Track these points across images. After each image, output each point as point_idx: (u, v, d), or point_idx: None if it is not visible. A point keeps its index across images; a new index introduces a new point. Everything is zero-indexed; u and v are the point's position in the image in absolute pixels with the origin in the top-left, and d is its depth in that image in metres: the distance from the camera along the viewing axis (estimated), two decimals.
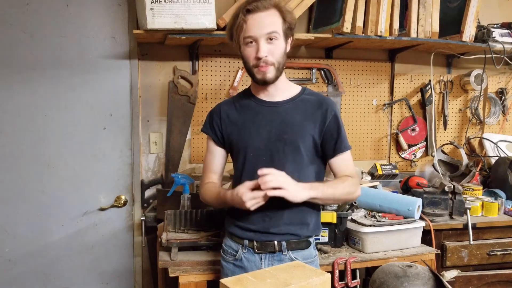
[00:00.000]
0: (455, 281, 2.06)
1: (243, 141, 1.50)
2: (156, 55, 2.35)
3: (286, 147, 1.47)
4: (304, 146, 1.48)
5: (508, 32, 2.58)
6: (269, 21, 1.39)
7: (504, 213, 2.29)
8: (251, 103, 1.53)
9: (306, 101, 1.52)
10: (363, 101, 2.69)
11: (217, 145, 1.58)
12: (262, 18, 1.38)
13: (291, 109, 1.50)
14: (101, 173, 2.31)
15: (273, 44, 1.40)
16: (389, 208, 2.04)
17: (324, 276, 1.08)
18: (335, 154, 1.51)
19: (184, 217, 1.88)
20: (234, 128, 1.53)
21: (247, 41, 1.40)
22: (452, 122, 2.86)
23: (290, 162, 1.47)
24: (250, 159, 1.49)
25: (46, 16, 2.17)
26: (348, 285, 1.78)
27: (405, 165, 2.80)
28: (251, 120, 1.51)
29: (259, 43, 1.39)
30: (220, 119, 1.56)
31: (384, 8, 2.24)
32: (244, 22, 1.38)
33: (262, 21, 1.38)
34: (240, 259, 1.51)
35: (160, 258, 1.74)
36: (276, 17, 1.40)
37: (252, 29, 1.38)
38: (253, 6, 1.37)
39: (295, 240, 1.49)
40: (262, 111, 1.51)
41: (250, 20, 1.38)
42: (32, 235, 2.25)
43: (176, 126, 2.40)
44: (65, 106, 2.24)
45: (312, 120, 1.49)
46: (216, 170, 1.61)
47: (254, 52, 1.40)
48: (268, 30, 1.38)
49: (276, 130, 1.47)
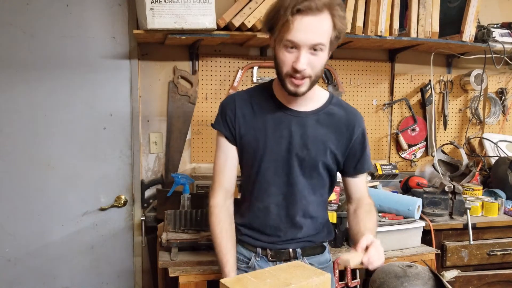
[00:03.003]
0: (455, 281, 2.06)
1: (259, 149, 1.37)
2: (156, 55, 2.35)
3: (305, 163, 1.37)
4: (324, 163, 1.39)
5: (508, 32, 2.58)
6: (318, 29, 1.20)
7: (504, 213, 2.28)
8: (272, 107, 1.38)
9: (332, 115, 1.39)
10: (363, 101, 2.69)
11: (231, 143, 1.41)
12: (312, 23, 1.18)
13: (316, 122, 1.37)
14: (101, 173, 2.31)
15: (315, 56, 1.23)
16: (389, 208, 2.04)
17: (324, 276, 1.08)
18: (355, 174, 1.44)
19: (184, 217, 1.88)
20: (249, 131, 1.38)
21: (287, 44, 1.22)
22: (452, 122, 2.86)
23: (307, 177, 1.39)
24: (264, 169, 1.38)
25: (46, 16, 2.17)
26: (348, 285, 1.78)
27: (405, 165, 2.80)
28: (271, 127, 1.37)
29: (301, 52, 1.21)
30: (234, 116, 1.39)
31: (384, 8, 2.24)
32: (291, 23, 1.18)
33: (311, 28, 1.19)
34: (253, 267, 1.43)
35: (160, 258, 1.74)
36: (326, 23, 1.20)
37: (298, 35, 1.19)
38: (305, 7, 1.16)
39: (311, 246, 1.45)
40: (285, 119, 1.37)
41: (297, 22, 1.18)
42: (32, 235, 2.25)
43: (176, 126, 2.40)
44: (65, 106, 2.24)
45: (337, 137, 1.39)
46: (230, 174, 1.43)
47: (292, 59, 1.23)
48: (314, 41, 1.20)
49: (297, 144, 1.36)
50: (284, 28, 1.20)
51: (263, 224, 1.43)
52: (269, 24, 1.26)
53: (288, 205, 1.41)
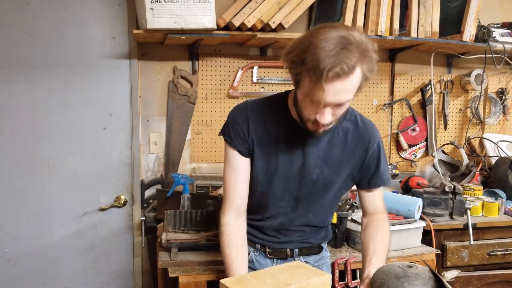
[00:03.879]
0: (456, 281, 2.06)
1: (271, 167, 1.34)
2: (156, 55, 2.35)
3: (318, 183, 1.35)
4: (338, 184, 1.38)
5: (508, 32, 2.58)
6: (347, 90, 1.10)
7: (505, 213, 2.28)
8: (286, 124, 1.32)
9: (346, 131, 1.35)
10: (363, 101, 2.69)
11: (242, 155, 1.34)
12: (341, 87, 1.08)
13: (330, 141, 1.33)
14: (101, 173, 2.31)
15: (340, 109, 1.17)
16: (389, 208, 2.04)
17: (324, 276, 1.08)
18: (369, 187, 1.42)
19: (184, 217, 1.88)
20: (261, 149, 1.33)
21: (314, 100, 1.13)
22: (452, 122, 2.86)
23: (318, 197, 1.38)
24: (275, 187, 1.36)
25: (46, 16, 2.17)
26: (348, 285, 1.78)
27: (405, 165, 2.79)
28: (284, 146, 1.32)
29: (325, 108, 1.14)
30: (248, 129, 1.32)
31: (384, 8, 2.24)
32: (323, 87, 1.07)
33: (339, 92, 1.09)
34: (252, 262, 1.47)
35: (160, 258, 1.74)
36: (355, 81, 1.10)
37: (327, 97, 1.10)
38: (335, 73, 1.05)
39: (308, 247, 1.48)
40: (298, 139, 1.32)
41: (329, 86, 1.07)
42: (32, 235, 2.25)
43: (176, 126, 2.40)
44: (65, 106, 2.24)
45: (352, 155, 1.36)
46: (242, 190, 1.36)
47: (316, 110, 1.15)
48: (342, 101, 1.12)
49: (311, 165, 1.33)
50: (313, 87, 1.09)
51: (265, 227, 1.45)
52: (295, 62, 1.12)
53: (295, 218, 1.43)
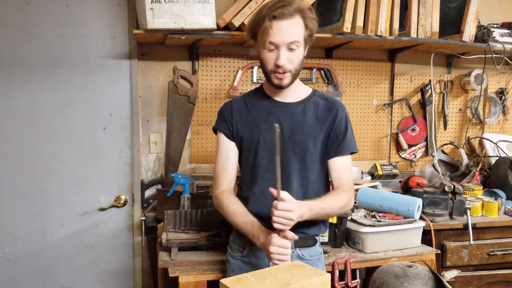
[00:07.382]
0: (455, 281, 2.06)
1: (254, 139, 1.53)
2: (156, 55, 2.35)
3: (296, 147, 1.51)
4: (313, 147, 1.52)
5: (508, 32, 2.58)
6: (292, 30, 1.41)
7: (504, 213, 2.29)
8: (263, 102, 1.57)
9: (317, 104, 1.56)
10: (363, 101, 2.69)
11: (230, 139, 1.58)
12: (286, 26, 1.40)
13: (302, 111, 1.54)
14: (101, 173, 2.31)
15: (293, 53, 1.43)
16: (389, 208, 2.04)
17: (324, 276, 1.08)
18: (336, 154, 1.54)
19: (184, 217, 1.88)
20: (245, 126, 1.56)
21: (269, 46, 1.42)
22: (452, 122, 2.86)
23: (299, 162, 1.51)
24: (260, 157, 1.52)
25: (46, 16, 2.17)
26: (348, 285, 1.78)
27: (405, 165, 2.79)
28: (262, 119, 1.54)
29: (280, 51, 1.42)
30: (231, 116, 1.57)
31: (384, 8, 2.24)
32: (269, 28, 1.39)
33: (286, 30, 1.40)
34: (248, 255, 1.53)
35: (160, 258, 1.74)
36: (299, 25, 1.42)
37: (276, 36, 1.40)
38: (279, 13, 1.38)
39: (303, 238, 1.51)
40: (274, 110, 1.54)
41: (274, 26, 1.39)
42: (32, 235, 2.25)
43: (176, 126, 2.40)
44: (65, 106, 2.24)
45: (322, 122, 1.54)
46: (231, 169, 1.57)
47: (274, 58, 1.43)
48: (290, 40, 1.41)
49: (287, 131, 1.51)
50: (264, 33, 1.41)
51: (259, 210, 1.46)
52: (252, 32, 1.48)
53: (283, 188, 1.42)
